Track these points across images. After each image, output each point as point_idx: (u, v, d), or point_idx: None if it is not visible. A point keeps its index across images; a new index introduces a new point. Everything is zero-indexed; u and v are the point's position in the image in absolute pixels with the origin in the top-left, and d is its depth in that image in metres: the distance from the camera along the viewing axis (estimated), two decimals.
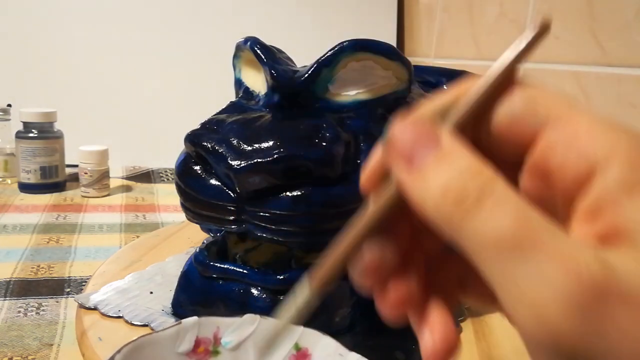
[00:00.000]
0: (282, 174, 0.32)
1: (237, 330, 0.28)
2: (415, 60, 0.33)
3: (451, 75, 0.52)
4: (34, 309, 0.43)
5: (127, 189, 0.82)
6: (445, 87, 0.46)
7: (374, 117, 0.37)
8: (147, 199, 0.77)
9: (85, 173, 0.75)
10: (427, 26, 0.99)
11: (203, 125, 0.36)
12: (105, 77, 0.95)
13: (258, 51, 0.38)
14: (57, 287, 0.47)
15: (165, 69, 0.96)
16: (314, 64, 0.37)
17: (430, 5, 0.97)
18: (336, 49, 0.36)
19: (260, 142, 0.33)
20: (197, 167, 0.36)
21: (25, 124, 0.74)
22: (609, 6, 0.60)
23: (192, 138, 0.35)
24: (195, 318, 0.29)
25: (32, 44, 0.93)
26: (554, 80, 0.67)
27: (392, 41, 1.06)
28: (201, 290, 0.37)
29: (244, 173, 0.32)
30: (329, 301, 0.35)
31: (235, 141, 0.33)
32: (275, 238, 0.34)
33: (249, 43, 0.39)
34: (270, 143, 0.33)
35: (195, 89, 0.95)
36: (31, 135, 0.74)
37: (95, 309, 0.39)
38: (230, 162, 0.32)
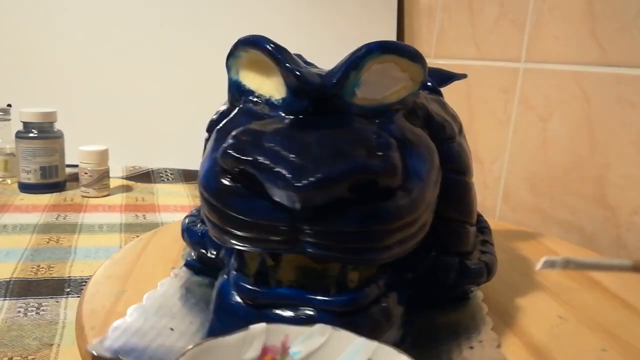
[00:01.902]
0: (348, 188, 0.30)
1: (307, 341, 0.27)
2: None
3: (448, 78, 0.52)
4: (34, 309, 0.43)
5: (127, 189, 0.82)
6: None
7: (402, 121, 0.36)
8: (147, 199, 0.77)
9: (85, 173, 0.75)
10: (427, 26, 0.99)
11: (238, 138, 0.31)
12: (105, 77, 0.95)
13: (274, 51, 0.35)
14: (57, 287, 0.47)
15: (165, 69, 0.96)
16: (342, 66, 0.34)
17: (430, 5, 0.97)
18: (363, 50, 0.35)
19: (317, 155, 0.30)
20: (240, 186, 0.31)
21: (25, 124, 0.74)
22: (609, 6, 0.60)
23: (236, 154, 0.30)
24: (263, 325, 0.27)
25: (32, 44, 0.93)
26: (554, 81, 0.67)
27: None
28: (249, 322, 0.33)
29: (309, 191, 0.29)
30: (384, 317, 0.33)
31: (288, 155, 0.30)
32: (339, 256, 0.31)
33: (257, 42, 0.36)
34: (330, 156, 0.30)
35: (196, 89, 0.95)
36: (31, 135, 0.74)
37: (118, 359, 0.34)
38: (291, 179, 0.29)
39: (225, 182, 0.31)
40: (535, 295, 0.43)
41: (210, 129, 0.40)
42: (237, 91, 0.38)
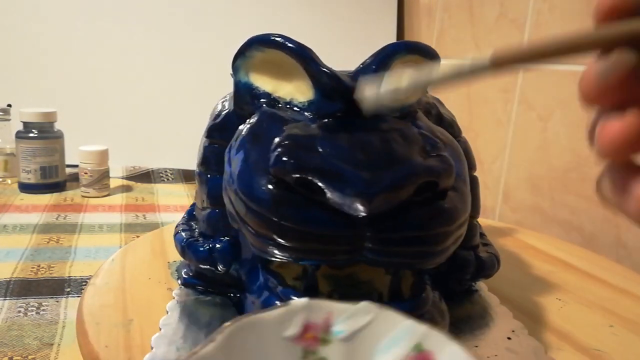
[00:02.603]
0: (414, 192, 0.29)
1: (350, 319, 0.24)
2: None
3: None
4: (34, 308, 0.43)
5: (127, 189, 0.82)
6: None
7: (426, 120, 0.35)
8: (147, 199, 0.77)
9: (85, 173, 0.75)
10: (427, 26, 0.99)
11: (288, 145, 0.29)
12: (106, 77, 0.96)
13: (300, 51, 0.32)
14: (57, 287, 0.47)
15: (166, 69, 0.96)
16: (372, 65, 0.33)
17: (430, 5, 0.97)
18: (390, 50, 0.34)
19: (378, 160, 0.29)
20: (296, 195, 0.29)
21: (25, 124, 0.74)
22: None
23: (294, 161, 0.28)
24: (305, 300, 0.25)
25: (32, 44, 0.93)
26: (554, 80, 0.67)
27: (392, 41, 1.06)
28: None
29: (380, 197, 0.28)
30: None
31: (350, 161, 0.28)
32: (404, 262, 0.30)
33: (278, 41, 0.33)
34: (392, 160, 0.29)
35: (196, 89, 0.95)
36: (31, 135, 0.74)
37: None
38: (361, 186, 0.27)
39: (279, 192, 0.29)
40: (533, 284, 0.44)
41: (212, 134, 0.38)
42: (247, 94, 0.36)
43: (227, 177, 0.33)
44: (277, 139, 0.30)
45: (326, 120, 0.32)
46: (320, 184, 0.28)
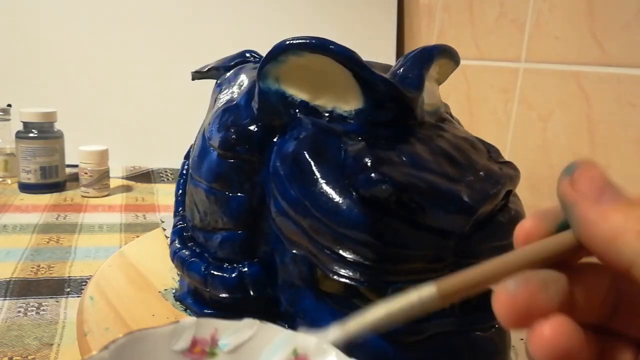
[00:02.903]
0: (501, 200, 0.29)
1: (235, 334, 0.27)
2: None
3: None
4: (34, 308, 0.43)
5: (127, 189, 0.82)
6: None
7: (455, 122, 0.35)
8: (147, 199, 0.77)
9: (85, 173, 0.75)
10: (427, 26, 0.99)
11: (376, 164, 0.28)
12: (106, 77, 0.95)
13: (349, 56, 0.29)
14: (57, 287, 0.47)
15: (166, 69, 0.96)
16: (416, 70, 0.32)
17: (430, 5, 0.97)
18: (427, 53, 0.33)
19: (466, 172, 0.28)
20: (396, 218, 0.28)
21: (25, 124, 0.74)
22: (609, 6, 0.60)
23: (391, 182, 0.27)
24: (193, 318, 0.28)
25: (32, 44, 0.93)
26: (554, 80, 0.67)
27: (392, 41, 1.06)
28: None
29: (479, 210, 0.27)
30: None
31: (442, 175, 0.28)
32: None
33: (323, 45, 0.30)
34: (477, 170, 0.29)
35: (196, 90, 0.95)
36: (31, 135, 0.74)
37: None
38: (461, 201, 0.27)
39: (376, 214, 0.27)
40: None
41: (231, 148, 0.34)
42: (279, 103, 0.33)
43: (285, 201, 0.30)
44: (364, 160, 0.28)
45: (384, 129, 0.31)
46: (420, 202, 0.27)
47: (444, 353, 0.30)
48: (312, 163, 0.30)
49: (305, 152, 0.30)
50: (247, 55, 0.45)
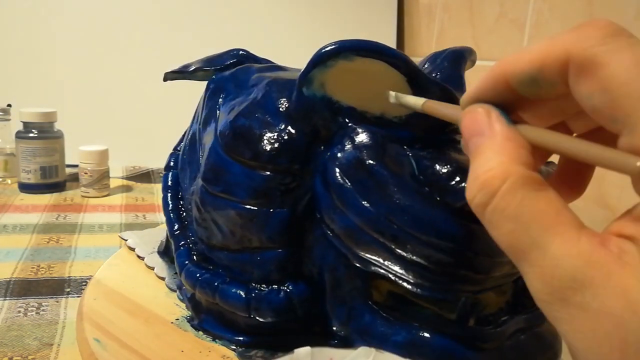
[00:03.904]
0: None
1: None
2: (415, 60, 0.32)
3: None
4: (34, 309, 0.43)
5: (127, 189, 0.82)
6: None
7: None
8: (147, 199, 0.77)
9: (85, 173, 0.75)
10: (427, 26, 0.99)
11: (461, 173, 0.28)
12: (105, 77, 0.95)
13: (405, 61, 0.28)
14: (57, 287, 0.47)
15: (166, 68, 0.96)
16: (458, 73, 0.32)
17: (430, 5, 0.97)
18: (460, 54, 0.33)
19: None
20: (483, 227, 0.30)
21: (25, 124, 0.74)
22: (609, 6, 0.60)
23: None
24: (308, 348, 0.27)
25: (32, 44, 0.93)
26: None
27: (392, 41, 1.06)
28: None
29: None
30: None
31: None
32: None
33: (378, 49, 0.28)
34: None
35: (196, 90, 0.95)
36: (31, 135, 0.74)
37: None
38: None
39: (471, 224, 0.27)
40: None
41: (274, 160, 0.31)
42: (326, 110, 0.31)
43: (358, 216, 0.29)
44: (434, 166, 0.28)
45: (438, 134, 0.30)
46: None
47: (518, 349, 0.30)
48: (386, 173, 0.29)
49: (374, 162, 0.29)
50: (241, 53, 0.44)
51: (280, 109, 0.32)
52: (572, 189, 0.23)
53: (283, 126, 0.32)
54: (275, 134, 0.32)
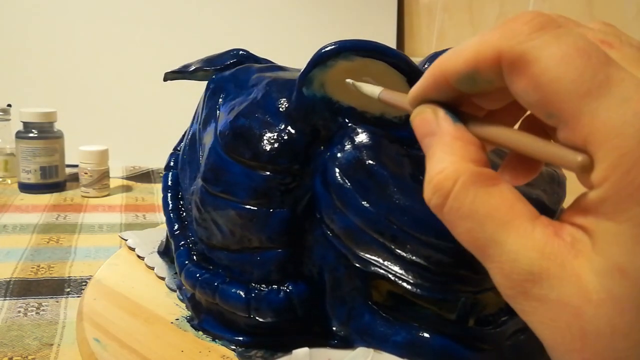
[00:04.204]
0: None
1: None
2: (415, 60, 0.32)
3: None
4: (34, 309, 0.43)
5: (127, 189, 0.82)
6: None
7: None
8: (147, 199, 0.77)
9: (85, 173, 0.75)
10: (427, 26, 0.99)
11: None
12: (106, 77, 0.95)
13: (405, 61, 0.28)
14: (57, 287, 0.47)
15: (166, 68, 0.96)
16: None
17: (430, 5, 0.97)
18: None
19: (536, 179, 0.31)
20: None
21: (25, 124, 0.74)
22: (609, 6, 0.60)
23: None
24: (306, 349, 0.27)
25: (32, 44, 0.93)
26: None
27: (392, 41, 1.06)
28: None
29: (558, 210, 0.31)
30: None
31: (528, 184, 0.30)
32: None
33: (379, 49, 0.28)
34: (544, 173, 0.32)
35: (196, 90, 0.95)
36: (31, 135, 0.74)
37: None
38: (547, 204, 0.30)
39: None
40: None
41: (274, 160, 0.31)
42: (326, 110, 0.31)
43: (358, 216, 0.29)
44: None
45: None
46: None
47: (518, 349, 0.30)
48: (386, 173, 0.29)
49: (374, 162, 0.29)
50: (241, 53, 0.44)
51: (280, 109, 0.32)
52: (528, 169, 0.23)
53: (283, 126, 0.32)
54: (275, 134, 0.32)
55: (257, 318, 0.33)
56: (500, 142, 0.19)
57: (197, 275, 0.36)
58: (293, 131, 0.31)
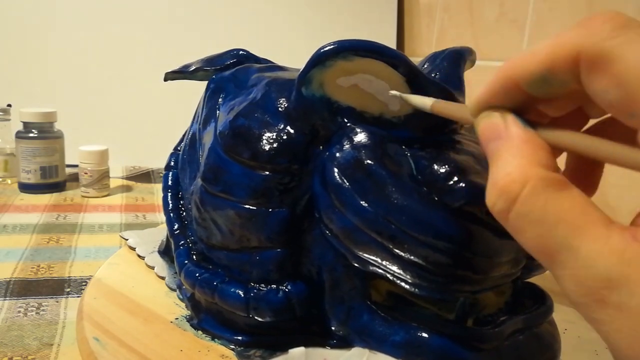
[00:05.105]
0: None
1: None
2: (415, 60, 0.32)
3: None
4: (34, 309, 0.43)
5: (127, 189, 0.82)
6: None
7: None
8: (147, 199, 0.77)
9: (85, 173, 0.75)
10: (427, 26, 0.99)
11: (465, 175, 0.28)
12: (105, 77, 0.95)
13: (405, 61, 0.28)
14: (57, 287, 0.47)
15: (166, 68, 0.96)
16: (457, 73, 0.33)
17: (430, 5, 0.97)
18: (459, 54, 0.33)
19: None
20: (484, 228, 0.28)
21: (25, 124, 0.74)
22: (609, 6, 0.60)
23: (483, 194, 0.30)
24: (302, 349, 0.27)
25: (32, 44, 0.93)
26: None
27: (392, 41, 1.06)
28: None
29: None
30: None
31: None
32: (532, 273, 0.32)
33: (378, 49, 0.28)
34: None
35: (196, 90, 0.95)
36: (31, 135, 0.74)
37: None
38: None
39: (470, 225, 0.27)
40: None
41: (273, 160, 0.31)
42: (325, 110, 0.31)
43: (357, 216, 0.29)
44: (433, 166, 0.28)
45: (436, 134, 0.30)
46: None
47: (517, 350, 0.30)
48: (385, 173, 0.28)
49: (372, 162, 0.29)
50: (241, 53, 0.44)
51: (280, 109, 0.32)
52: (584, 190, 0.23)
53: (282, 126, 0.32)
54: (274, 133, 0.32)
55: (256, 317, 0.33)
56: (574, 147, 0.19)
57: (197, 274, 0.36)
58: (292, 131, 0.31)
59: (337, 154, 0.30)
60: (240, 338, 0.34)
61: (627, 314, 0.15)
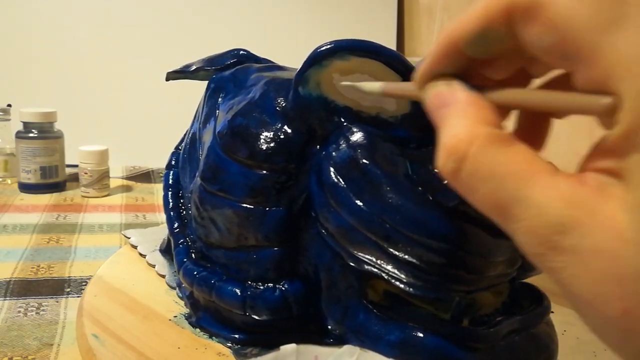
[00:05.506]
0: None
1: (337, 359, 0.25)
2: (415, 60, 0.32)
3: None
4: (34, 309, 0.43)
5: (127, 189, 0.82)
6: None
7: None
8: (147, 199, 0.77)
9: (85, 173, 0.75)
10: (427, 26, 0.99)
11: None
12: (105, 77, 0.96)
13: (402, 61, 0.28)
14: (57, 287, 0.47)
15: (166, 68, 0.96)
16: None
17: (430, 5, 0.97)
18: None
19: None
20: (479, 227, 0.29)
21: (25, 124, 0.74)
22: None
23: None
24: (293, 345, 0.27)
25: (32, 44, 0.93)
26: None
27: (392, 41, 1.06)
28: None
29: None
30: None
31: None
32: (528, 273, 0.32)
33: (375, 48, 0.28)
34: None
35: (196, 89, 0.95)
36: (31, 135, 0.74)
37: None
38: None
39: (464, 225, 0.27)
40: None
41: (270, 159, 0.31)
42: (322, 110, 0.31)
43: (352, 215, 0.29)
44: (428, 165, 0.27)
45: (432, 134, 0.30)
46: None
47: (512, 350, 0.30)
48: (380, 173, 0.28)
49: (368, 161, 0.29)
50: (242, 53, 0.44)
51: (277, 109, 0.33)
52: (538, 134, 0.23)
53: (279, 125, 0.32)
54: (272, 133, 0.32)
55: (253, 316, 0.33)
56: (518, 103, 0.19)
57: (195, 272, 0.36)
58: (289, 130, 0.32)
59: (333, 154, 0.30)
60: (237, 336, 0.34)
61: (580, 257, 0.15)
